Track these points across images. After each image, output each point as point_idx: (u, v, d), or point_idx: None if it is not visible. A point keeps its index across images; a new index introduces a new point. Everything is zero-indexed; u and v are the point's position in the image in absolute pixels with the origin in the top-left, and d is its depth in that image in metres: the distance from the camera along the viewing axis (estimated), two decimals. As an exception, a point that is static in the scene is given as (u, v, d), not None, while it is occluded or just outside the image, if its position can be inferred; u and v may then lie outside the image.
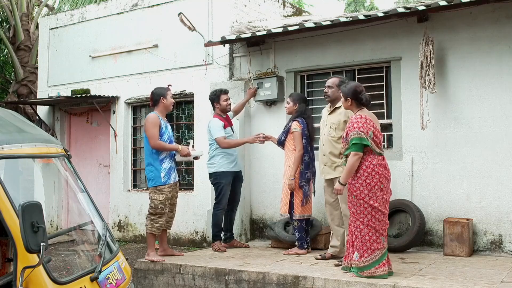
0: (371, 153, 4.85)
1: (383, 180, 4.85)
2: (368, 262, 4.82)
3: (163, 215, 6.00)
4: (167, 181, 5.98)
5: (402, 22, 6.56)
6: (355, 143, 4.80)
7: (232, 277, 5.48)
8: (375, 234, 4.82)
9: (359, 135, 4.80)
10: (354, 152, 4.81)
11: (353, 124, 4.89)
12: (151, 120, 6.02)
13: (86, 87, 9.33)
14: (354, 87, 5.04)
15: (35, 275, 2.51)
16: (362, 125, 4.82)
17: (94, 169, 9.59)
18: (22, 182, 3.58)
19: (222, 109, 6.73)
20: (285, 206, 6.22)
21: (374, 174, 4.80)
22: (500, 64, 6.05)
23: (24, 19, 13.28)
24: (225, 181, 6.61)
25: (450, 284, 4.60)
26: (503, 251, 5.97)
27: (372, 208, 4.80)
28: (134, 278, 5.81)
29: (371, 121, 4.90)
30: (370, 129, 4.84)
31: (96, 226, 3.49)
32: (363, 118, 4.88)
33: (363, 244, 4.83)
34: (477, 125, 6.14)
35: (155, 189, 5.98)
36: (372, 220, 4.81)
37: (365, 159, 4.84)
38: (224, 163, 6.62)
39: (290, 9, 9.37)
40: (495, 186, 6.02)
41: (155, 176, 5.97)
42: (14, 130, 3.03)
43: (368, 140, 4.80)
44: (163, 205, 5.97)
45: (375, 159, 4.84)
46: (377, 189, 4.81)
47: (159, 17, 8.63)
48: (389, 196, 4.96)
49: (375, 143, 4.86)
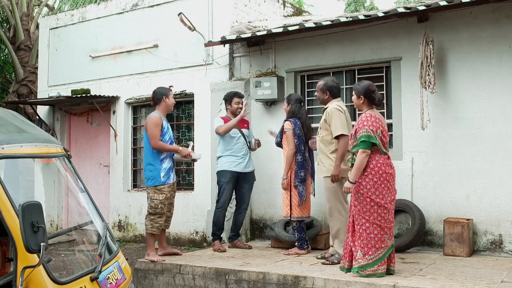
0: (378, 152, 4.89)
1: (390, 179, 4.90)
2: (372, 260, 4.83)
3: (162, 215, 5.99)
4: (166, 181, 5.98)
5: (402, 22, 6.56)
6: (363, 141, 4.84)
7: (232, 277, 5.48)
8: (380, 232, 4.84)
9: (368, 132, 4.83)
10: (362, 149, 4.84)
11: (362, 122, 4.92)
12: (153, 120, 6.00)
13: (86, 87, 9.33)
14: (367, 85, 5.09)
15: (35, 275, 2.51)
16: (371, 124, 4.86)
17: (94, 169, 9.59)
18: (22, 182, 3.58)
19: (232, 111, 6.75)
20: (286, 208, 6.23)
21: (381, 173, 4.84)
22: (500, 64, 6.05)
23: (24, 19, 13.29)
24: (224, 180, 6.63)
25: (450, 284, 4.60)
26: (503, 251, 5.97)
27: (379, 206, 4.83)
28: (134, 278, 5.81)
29: (380, 120, 4.97)
30: (379, 128, 4.89)
31: (96, 226, 3.49)
32: (373, 117, 4.92)
33: (367, 241, 4.85)
34: (477, 125, 6.14)
35: (155, 189, 5.97)
36: (377, 218, 4.84)
37: (372, 158, 4.87)
38: (226, 162, 6.64)
39: (290, 9, 9.37)
40: (495, 186, 6.02)
41: (155, 175, 5.96)
42: (14, 130, 3.03)
43: (377, 139, 4.83)
44: (163, 205, 5.97)
45: (382, 158, 4.88)
46: (383, 188, 4.85)
47: (159, 17, 8.63)
48: (394, 194, 5.00)
49: (382, 143, 4.91)
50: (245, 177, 6.77)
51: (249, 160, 6.79)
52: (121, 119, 9.06)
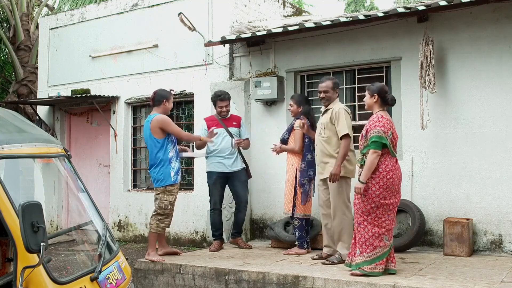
0: (388, 155, 4.90)
1: (396, 183, 4.92)
2: (370, 258, 4.85)
3: (169, 216, 6.06)
4: (176, 180, 6.02)
5: (402, 22, 6.56)
6: (374, 141, 4.84)
7: (232, 277, 5.48)
8: (378, 232, 4.86)
9: (379, 133, 4.84)
10: (373, 150, 4.85)
11: (374, 123, 4.92)
12: (166, 120, 6.01)
13: (86, 87, 9.33)
14: (381, 86, 5.15)
15: (35, 275, 2.51)
16: (383, 125, 4.88)
17: (94, 169, 9.59)
18: (22, 182, 3.58)
19: (218, 112, 6.83)
20: (288, 205, 6.27)
21: (389, 178, 4.86)
22: (500, 64, 6.05)
23: (24, 19, 13.28)
24: (210, 182, 6.74)
25: (450, 284, 4.60)
26: (503, 251, 5.97)
27: (381, 207, 4.84)
28: (134, 278, 5.81)
29: (391, 122, 5.00)
30: (390, 130, 4.91)
31: (96, 226, 3.49)
32: (384, 118, 4.94)
33: (365, 240, 4.87)
34: (477, 125, 6.14)
35: (165, 190, 5.97)
36: (375, 219, 4.86)
37: (382, 161, 4.87)
38: (211, 163, 6.72)
39: (290, 9, 9.37)
40: (495, 186, 6.02)
41: (165, 176, 5.95)
42: (14, 130, 3.03)
43: (387, 140, 4.84)
44: (172, 205, 6.04)
45: (391, 163, 4.90)
46: (388, 192, 4.87)
47: (159, 17, 8.63)
48: (399, 197, 5.02)
49: (392, 144, 4.93)
50: (235, 176, 6.75)
51: (236, 158, 6.73)
52: (121, 119, 9.06)
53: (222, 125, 6.71)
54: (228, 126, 6.73)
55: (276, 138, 6.91)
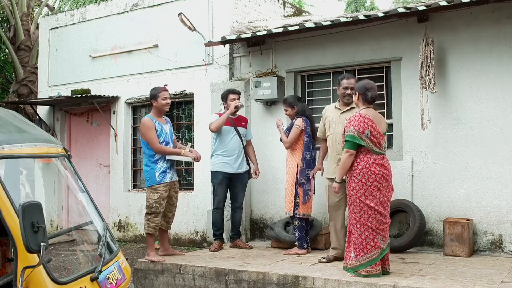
0: (368, 153, 4.86)
1: (380, 180, 4.85)
2: (364, 260, 4.83)
3: (158, 215, 6.03)
4: (161, 180, 6.03)
5: (402, 22, 6.56)
6: (347, 141, 4.86)
7: (232, 277, 5.48)
8: (372, 233, 4.83)
9: (352, 133, 4.83)
10: (346, 149, 4.87)
11: (350, 122, 4.92)
12: (145, 125, 6.07)
13: (86, 87, 9.34)
14: (364, 83, 5.09)
15: (35, 275, 2.51)
16: (358, 124, 4.84)
17: (94, 169, 9.59)
18: (22, 182, 3.58)
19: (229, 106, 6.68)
20: (289, 205, 6.26)
21: (370, 174, 4.82)
22: (500, 64, 6.05)
23: (24, 19, 13.28)
24: (216, 181, 6.69)
25: (450, 284, 4.60)
26: (503, 251, 5.97)
27: (369, 208, 4.82)
28: (134, 278, 5.81)
29: (371, 120, 4.88)
30: (367, 128, 4.83)
31: (96, 226, 3.49)
32: (362, 116, 4.88)
33: (359, 242, 4.85)
34: (477, 125, 6.14)
35: (151, 189, 6.05)
36: (368, 220, 4.83)
37: (361, 158, 4.86)
38: (218, 162, 6.67)
39: (290, 9, 9.37)
40: (495, 186, 6.01)
41: (151, 176, 6.05)
42: (14, 130, 3.03)
43: (363, 140, 4.81)
44: (158, 204, 6.02)
45: (372, 159, 4.84)
46: (373, 189, 4.82)
47: (159, 17, 8.63)
48: (389, 195, 4.96)
49: (373, 143, 4.85)
50: (238, 178, 6.76)
51: (242, 160, 6.75)
52: (121, 119, 9.06)
53: (232, 124, 6.68)
54: (237, 126, 6.73)
55: (276, 138, 6.92)
